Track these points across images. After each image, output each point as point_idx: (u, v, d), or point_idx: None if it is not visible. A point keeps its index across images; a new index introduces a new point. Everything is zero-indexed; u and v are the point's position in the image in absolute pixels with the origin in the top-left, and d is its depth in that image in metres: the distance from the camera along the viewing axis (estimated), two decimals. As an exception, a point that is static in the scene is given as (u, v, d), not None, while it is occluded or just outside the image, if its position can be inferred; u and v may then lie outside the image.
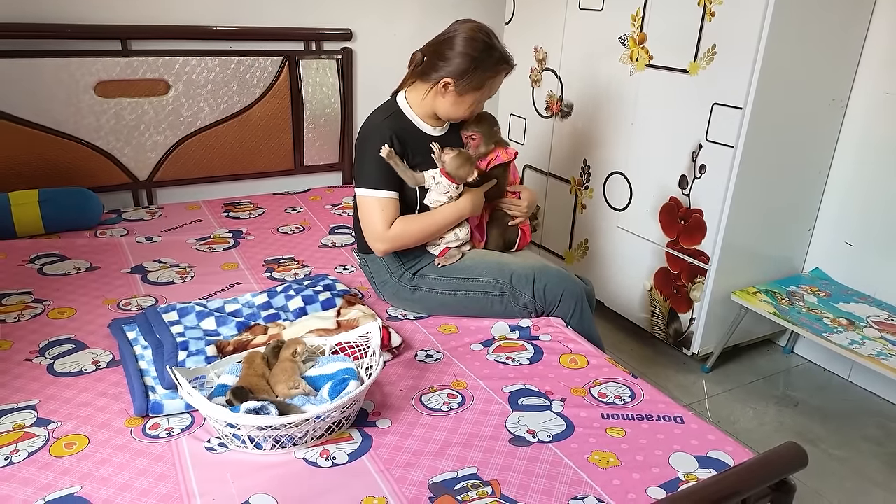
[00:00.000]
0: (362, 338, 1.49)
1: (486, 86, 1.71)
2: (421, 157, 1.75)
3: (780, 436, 2.08)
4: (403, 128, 1.75)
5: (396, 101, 1.79)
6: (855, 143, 2.27)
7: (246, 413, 1.20)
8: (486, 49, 1.67)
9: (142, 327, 1.59)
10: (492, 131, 1.83)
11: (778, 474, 1.14)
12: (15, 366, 1.49)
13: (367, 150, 1.73)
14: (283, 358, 1.38)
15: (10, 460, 1.20)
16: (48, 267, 1.97)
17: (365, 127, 1.77)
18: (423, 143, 1.77)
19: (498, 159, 1.85)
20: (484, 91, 1.72)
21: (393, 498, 1.14)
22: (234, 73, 2.58)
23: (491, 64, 1.68)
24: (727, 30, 2.03)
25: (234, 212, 2.52)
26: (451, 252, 1.80)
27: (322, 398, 1.31)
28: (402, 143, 1.73)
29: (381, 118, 1.75)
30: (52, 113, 2.33)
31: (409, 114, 1.78)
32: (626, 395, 1.47)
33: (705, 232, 2.20)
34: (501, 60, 1.69)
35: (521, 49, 2.88)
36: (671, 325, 2.41)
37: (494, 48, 1.68)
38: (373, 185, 1.72)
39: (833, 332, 2.08)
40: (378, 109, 1.81)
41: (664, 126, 2.29)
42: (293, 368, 1.36)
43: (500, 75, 1.73)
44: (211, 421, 1.26)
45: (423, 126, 1.79)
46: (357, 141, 1.79)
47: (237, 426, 1.20)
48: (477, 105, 1.76)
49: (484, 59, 1.67)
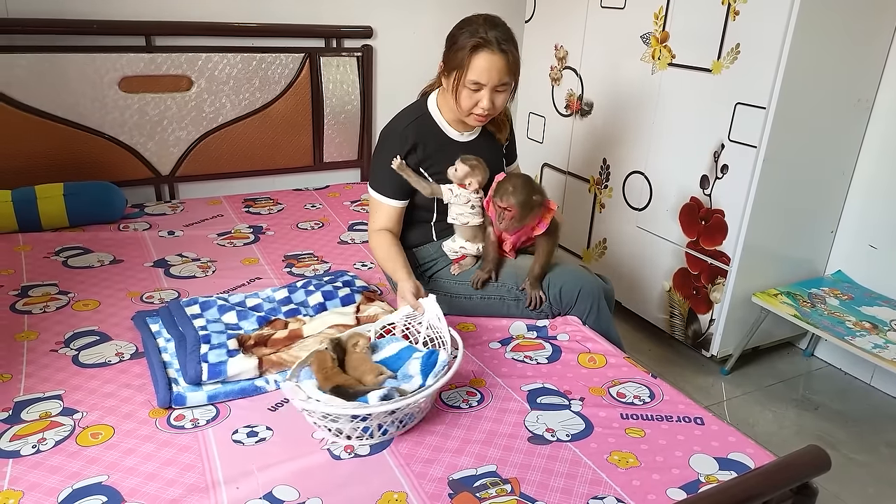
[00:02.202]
0: (409, 317, 1.54)
1: (466, 65, 1.60)
2: (442, 164, 1.73)
3: (800, 439, 2.06)
4: (427, 132, 1.74)
5: (426, 103, 1.77)
6: (880, 144, 2.24)
7: (381, 401, 1.22)
8: (462, 25, 1.64)
9: (165, 320, 1.61)
10: (528, 203, 1.62)
11: (800, 478, 1.13)
12: (41, 356, 1.51)
13: (382, 152, 1.74)
14: (352, 352, 1.39)
15: (38, 448, 1.22)
16: (73, 259, 2.00)
17: (387, 127, 1.77)
18: (447, 148, 1.75)
19: (540, 227, 1.69)
20: (466, 71, 1.61)
21: (413, 493, 1.15)
22: (255, 70, 2.60)
23: (464, 38, 1.61)
24: (751, 29, 2.01)
25: (255, 207, 2.54)
26: (467, 260, 1.81)
27: (407, 375, 1.34)
28: (423, 148, 1.72)
29: (405, 122, 1.74)
30: (77, 108, 2.36)
31: (437, 117, 1.76)
32: (646, 396, 1.47)
33: (726, 233, 2.19)
34: (474, 35, 1.59)
35: (542, 47, 2.87)
36: (690, 326, 2.40)
37: (472, 25, 1.61)
38: (378, 189, 1.76)
39: (855, 335, 2.06)
40: (407, 110, 1.79)
41: (686, 125, 2.27)
42: (367, 358, 1.39)
43: (476, 53, 1.59)
44: (339, 419, 1.23)
45: (449, 131, 1.77)
46: (379, 136, 1.79)
47: (369, 416, 1.22)
48: (469, 95, 1.64)
49: (458, 35, 1.63)
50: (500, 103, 1.69)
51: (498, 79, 1.62)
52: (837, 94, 2.14)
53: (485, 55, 1.60)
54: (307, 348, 1.50)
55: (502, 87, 1.65)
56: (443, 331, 1.47)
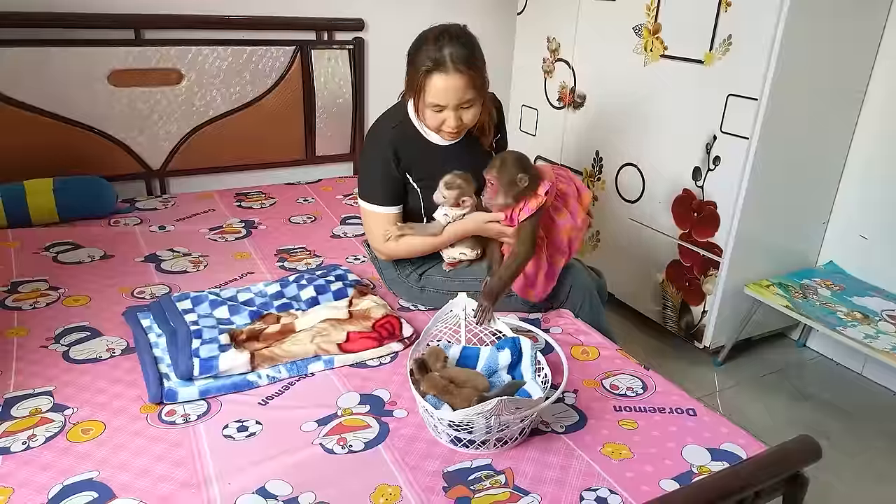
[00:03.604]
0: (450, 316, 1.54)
1: (422, 89, 1.56)
2: (425, 171, 1.69)
3: (792, 430, 2.07)
4: (408, 139, 1.68)
5: (406, 108, 1.70)
6: (871, 135, 2.25)
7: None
8: (419, 43, 1.57)
9: (156, 315, 1.60)
10: (513, 181, 1.54)
11: (792, 467, 1.14)
12: (31, 352, 1.50)
13: (369, 162, 1.71)
14: (442, 369, 1.36)
15: (28, 445, 1.21)
16: (63, 255, 1.98)
17: (370, 135, 1.74)
18: (429, 154, 1.70)
19: (525, 210, 1.57)
20: (423, 94, 1.57)
21: (407, 486, 1.15)
22: (246, 63, 2.58)
23: (420, 59, 1.55)
24: (743, 20, 2.01)
25: (247, 202, 2.53)
26: (462, 264, 1.78)
27: (502, 379, 1.39)
28: (405, 156, 1.67)
29: (387, 127, 1.69)
30: (66, 102, 2.34)
31: (416, 122, 1.70)
32: (639, 387, 1.47)
33: (719, 224, 2.19)
34: (426, 59, 1.53)
35: (534, 39, 2.86)
36: (683, 317, 2.40)
37: (427, 43, 1.55)
38: (372, 199, 1.71)
39: (847, 325, 2.07)
40: (386, 115, 1.74)
41: (678, 117, 2.27)
42: (462, 368, 1.40)
43: (430, 76, 1.54)
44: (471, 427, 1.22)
45: (431, 136, 1.70)
46: (364, 143, 1.75)
47: (505, 425, 1.21)
48: (433, 115, 1.60)
49: (415, 55, 1.57)
50: (470, 118, 1.63)
51: (457, 98, 1.56)
52: (829, 85, 2.14)
53: (439, 77, 1.53)
54: (299, 342, 1.50)
55: (466, 103, 1.59)
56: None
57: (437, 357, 1.37)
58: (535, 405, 1.22)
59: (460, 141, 1.73)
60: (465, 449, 1.24)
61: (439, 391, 1.27)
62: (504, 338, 1.47)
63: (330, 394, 1.41)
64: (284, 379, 1.45)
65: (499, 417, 1.18)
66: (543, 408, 1.24)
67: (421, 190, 1.71)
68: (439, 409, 1.23)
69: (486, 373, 1.40)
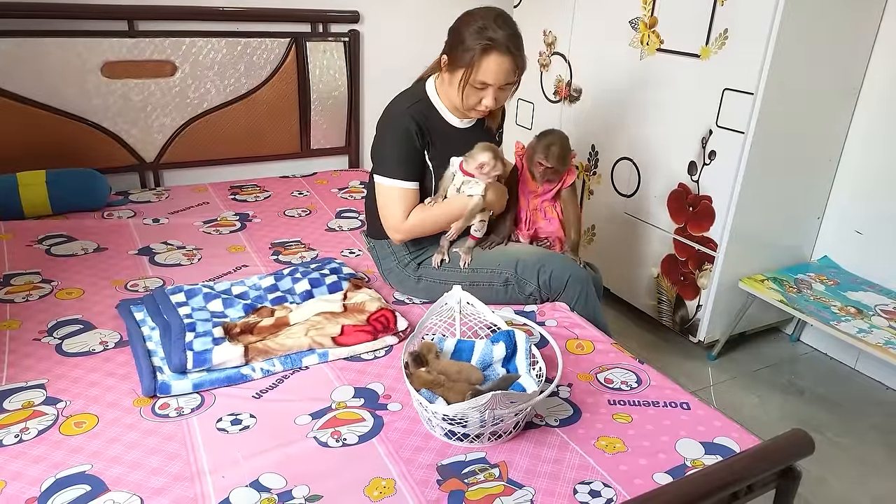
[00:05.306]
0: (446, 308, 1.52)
1: (474, 66, 1.60)
2: (440, 150, 1.72)
3: (786, 423, 2.08)
4: (428, 117, 1.72)
5: (425, 88, 1.75)
6: (866, 131, 2.25)
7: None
8: (469, 21, 1.62)
9: (149, 308, 1.59)
10: (568, 159, 1.79)
11: (784, 460, 1.14)
12: (23, 345, 1.50)
13: (389, 137, 1.71)
14: (434, 361, 1.36)
15: (21, 438, 1.21)
16: (56, 248, 1.97)
17: (388, 112, 1.74)
18: (447, 134, 1.74)
19: (570, 177, 1.84)
20: (473, 71, 1.60)
21: (401, 479, 1.15)
22: (240, 55, 2.57)
23: (472, 38, 1.59)
24: (740, 14, 2.00)
25: (241, 195, 2.52)
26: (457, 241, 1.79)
27: (496, 372, 1.39)
28: (426, 134, 1.70)
29: (406, 105, 1.71)
30: (59, 94, 2.32)
31: (435, 102, 1.74)
32: (633, 381, 1.47)
33: (714, 219, 2.19)
34: (484, 37, 1.58)
35: (530, 32, 2.84)
36: (678, 312, 2.41)
37: (479, 22, 1.59)
38: (393, 174, 1.70)
39: (841, 320, 2.08)
40: (404, 94, 1.77)
41: (674, 111, 2.27)
42: (455, 361, 1.40)
43: (486, 55, 1.59)
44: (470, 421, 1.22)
45: (448, 117, 1.75)
46: (379, 124, 1.75)
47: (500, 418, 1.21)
48: (474, 93, 1.64)
49: (465, 32, 1.61)
50: (503, 99, 1.71)
51: (505, 79, 1.64)
52: (825, 80, 2.14)
53: (495, 57, 1.60)
54: (294, 336, 1.50)
55: (507, 85, 1.67)
56: (485, 314, 1.48)
57: (429, 350, 1.37)
58: (529, 399, 1.22)
59: (474, 125, 1.79)
60: (460, 442, 1.24)
61: (430, 386, 1.27)
62: (499, 331, 1.47)
63: (324, 387, 1.40)
64: (278, 372, 1.44)
65: (493, 411, 1.18)
66: (538, 401, 1.24)
67: (434, 170, 1.74)
68: (433, 402, 1.23)
69: (480, 366, 1.40)
